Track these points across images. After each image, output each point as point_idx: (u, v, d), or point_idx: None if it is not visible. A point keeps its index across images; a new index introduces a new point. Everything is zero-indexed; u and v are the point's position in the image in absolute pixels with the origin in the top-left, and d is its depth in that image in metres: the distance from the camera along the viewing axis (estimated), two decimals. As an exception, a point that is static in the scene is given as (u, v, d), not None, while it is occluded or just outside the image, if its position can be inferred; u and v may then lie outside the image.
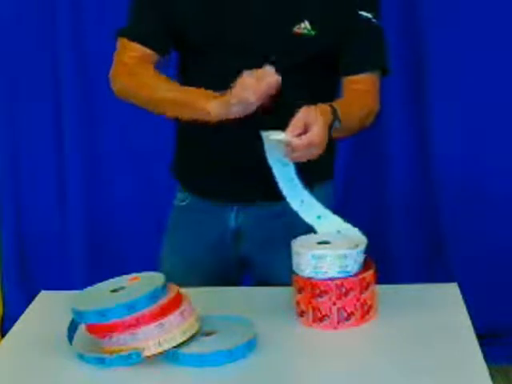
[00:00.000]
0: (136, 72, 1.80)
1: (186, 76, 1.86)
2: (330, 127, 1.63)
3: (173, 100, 1.74)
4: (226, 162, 1.82)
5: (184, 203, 1.95)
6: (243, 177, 1.83)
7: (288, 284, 1.64)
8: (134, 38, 1.81)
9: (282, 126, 1.76)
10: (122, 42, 1.83)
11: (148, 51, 1.81)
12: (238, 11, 1.75)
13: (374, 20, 1.78)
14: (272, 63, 1.60)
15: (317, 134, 1.56)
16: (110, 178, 3.06)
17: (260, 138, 1.64)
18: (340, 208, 1.98)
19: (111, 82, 1.85)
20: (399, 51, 1.92)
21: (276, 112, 1.64)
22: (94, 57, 2.95)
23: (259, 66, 1.72)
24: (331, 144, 1.93)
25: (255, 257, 1.94)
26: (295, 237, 1.85)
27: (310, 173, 1.87)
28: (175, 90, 1.75)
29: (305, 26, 1.74)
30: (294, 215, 1.86)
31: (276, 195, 1.86)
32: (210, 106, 1.64)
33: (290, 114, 1.61)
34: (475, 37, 2.85)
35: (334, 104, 1.67)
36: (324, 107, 1.63)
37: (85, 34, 2.95)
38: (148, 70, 1.80)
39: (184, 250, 1.95)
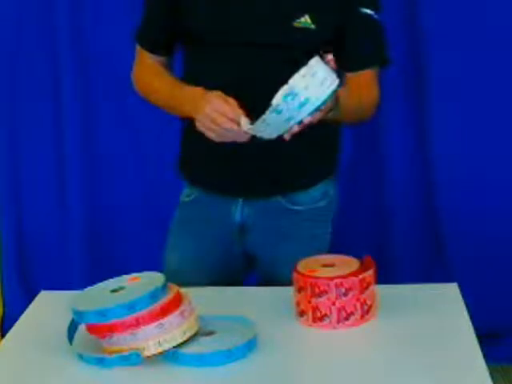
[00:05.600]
0: (147, 78, 1.90)
1: (189, 69, 1.88)
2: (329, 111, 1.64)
3: (167, 104, 1.84)
4: (229, 155, 1.83)
5: (189, 198, 1.96)
6: (247, 170, 1.84)
7: (292, 280, 1.64)
8: (143, 46, 1.91)
9: None
10: (138, 46, 1.93)
11: (156, 57, 1.90)
12: (241, 4, 1.77)
13: (374, 16, 1.80)
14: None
15: None
16: (109, 178, 3.06)
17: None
18: (340, 208, 1.99)
19: (133, 82, 1.94)
20: (399, 49, 1.93)
21: None
22: (94, 56, 2.95)
23: (260, 58, 1.75)
24: (333, 143, 1.96)
25: (260, 251, 1.95)
26: (300, 231, 1.86)
27: (314, 171, 1.89)
28: (169, 93, 1.83)
29: (305, 20, 1.75)
30: (299, 210, 1.88)
31: (280, 189, 1.87)
32: (188, 108, 1.71)
33: None
34: (476, 35, 2.85)
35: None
36: None
37: (85, 34, 2.95)
38: (154, 76, 1.88)
39: (189, 245, 1.96)
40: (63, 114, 3.01)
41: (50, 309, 1.74)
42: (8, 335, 1.65)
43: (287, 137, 1.57)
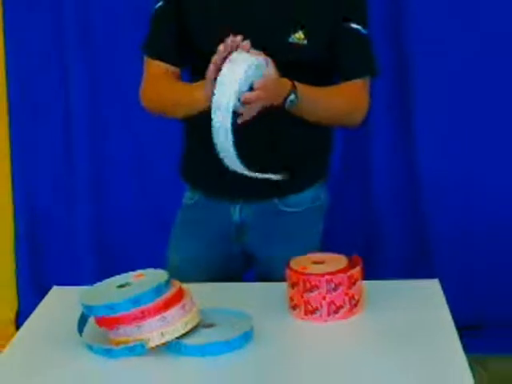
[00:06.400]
0: (155, 86, 1.86)
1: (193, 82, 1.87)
2: (285, 99, 1.65)
3: (177, 102, 1.79)
4: None
5: (192, 201, 1.96)
6: (246, 176, 1.82)
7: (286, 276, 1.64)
8: (153, 56, 1.87)
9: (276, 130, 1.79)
10: (146, 59, 1.89)
11: (167, 66, 1.86)
12: (241, 23, 1.77)
13: (362, 31, 1.81)
14: None
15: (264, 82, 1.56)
16: (117, 182, 3.06)
17: None
18: (330, 209, 2.00)
19: (140, 98, 1.90)
20: (384, 59, 1.93)
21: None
22: (104, 64, 2.95)
23: None
24: (324, 149, 1.96)
25: (258, 251, 1.94)
26: (293, 231, 1.87)
27: (307, 175, 1.89)
28: (176, 92, 1.80)
29: (299, 36, 1.77)
30: (293, 211, 1.88)
31: (276, 192, 1.87)
32: (197, 93, 1.66)
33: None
34: (460, 46, 2.84)
35: (300, 84, 1.68)
36: (284, 79, 1.65)
37: (94, 40, 2.94)
38: (163, 80, 1.84)
39: (190, 246, 1.96)
40: (73, 118, 3.01)
41: (61, 303, 1.75)
42: (22, 328, 1.66)
43: (240, 121, 1.56)
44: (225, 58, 1.55)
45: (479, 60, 2.86)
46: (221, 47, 1.56)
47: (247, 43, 1.55)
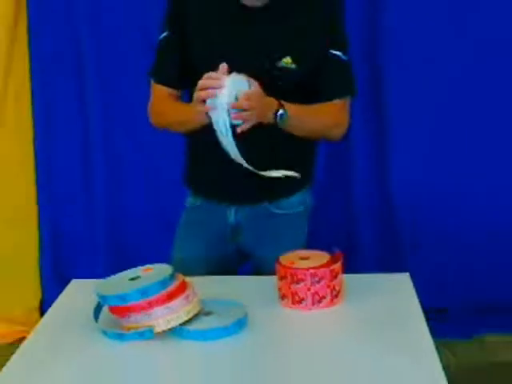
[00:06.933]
0: (160, 106, 1.88)
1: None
2: (275, 114, 1.68)
3: (178, 120, 1.82)
4: (226, 171, 1.82)
5: (193, 205, 1.97)
6: (240, 183, 1.84)
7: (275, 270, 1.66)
8: (158, 81, 1.89)
9: (271, 145, 1.81)
10: (152, 83, 1.91)
11: (170, 90, 1.88)
12: (239, 51, 1.79)
13: (342, 56, 1.83)
14: None
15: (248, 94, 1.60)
16: (129, 188, 3.06)
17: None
18: (314, 212, 2.02)
19: (149, 116, 1.92)
20: (362, 79, 1.94)
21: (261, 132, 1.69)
22: (116, 87, 2.95)
23: None
24: (310, 161, 1.98)
25: (251, 250, 1.95)
26: (282, 231, 1.88)
27: (294, 182, 1.91)
28: (178, 111, 1.83)
29: (287, 61, 1.78)
30: (282, 213, 1.89)
31: (267, 196, 1.88)
32: (194, 113, 1.68)
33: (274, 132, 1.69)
34: (430, 67, 2.82)
35: (286, 102, 1.71)
36: (270, 98, 1.68)
37: (108, 66, 2.94)
38: (167, 102, 1.87)
39: (192, 244, 1.97)
40: (90, 133, 3.02)
41: (79, 294, 1.76)
42: (46, 315, 1.67)
43: (239, 130, 1.60)
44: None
45: (452, 75, 2.82)
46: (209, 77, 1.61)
47: (223, 65, 1.60)
